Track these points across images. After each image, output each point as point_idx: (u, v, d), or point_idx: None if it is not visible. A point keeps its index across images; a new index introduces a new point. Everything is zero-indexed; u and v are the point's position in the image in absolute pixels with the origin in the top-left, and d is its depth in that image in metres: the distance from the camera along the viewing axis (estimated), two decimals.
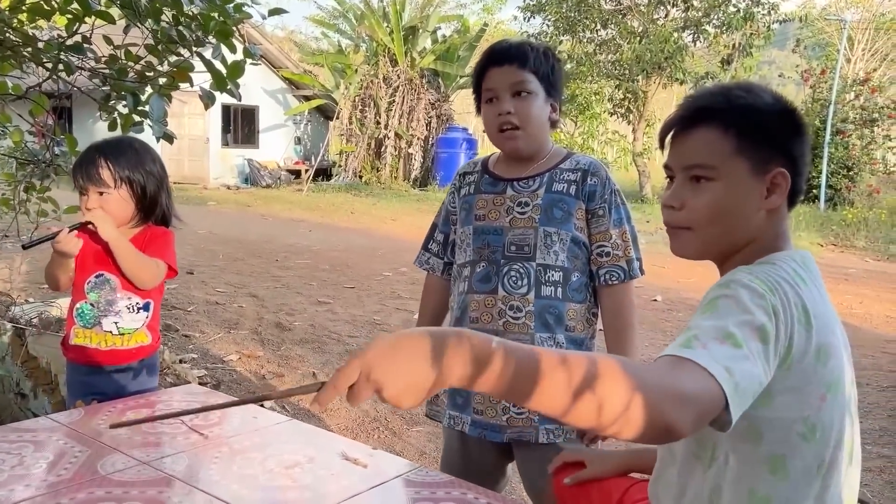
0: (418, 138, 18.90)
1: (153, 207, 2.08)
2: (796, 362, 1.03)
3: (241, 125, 19.71)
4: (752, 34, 16.72)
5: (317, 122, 21.29)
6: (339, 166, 20.17)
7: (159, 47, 3.35)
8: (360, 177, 19.37)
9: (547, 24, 18.14)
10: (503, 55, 1.73)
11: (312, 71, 20.96)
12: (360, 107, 19.24)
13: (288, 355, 4.65)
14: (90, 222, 1.94)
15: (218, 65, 3.29)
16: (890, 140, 15.83)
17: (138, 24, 3.32)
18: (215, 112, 18.35)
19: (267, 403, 3.79)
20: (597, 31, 17.79)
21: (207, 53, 3.28)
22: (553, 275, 1.71)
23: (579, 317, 1.74)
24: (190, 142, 18.37)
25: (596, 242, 1.75)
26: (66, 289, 2.11)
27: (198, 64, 3.31)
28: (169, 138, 3.51)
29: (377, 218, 12.52)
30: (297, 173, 19.78)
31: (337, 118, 19.39)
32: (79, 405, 1.94)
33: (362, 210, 14.11)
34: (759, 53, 18.65)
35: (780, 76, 20.11)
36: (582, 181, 1.75)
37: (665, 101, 22.93)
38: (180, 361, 4.26)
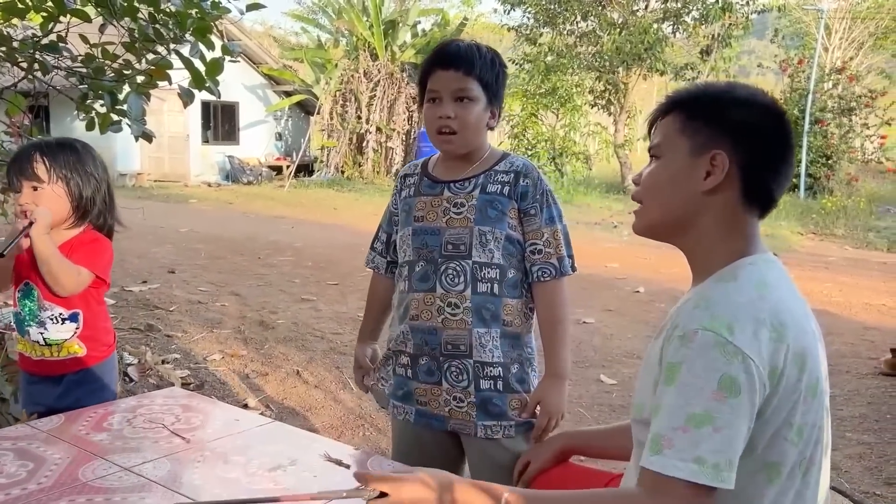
0: (399, 132, 18.86)
1: (90, 210, 2.03)
2: (779, 381, 1.05)
3: (221, 122, 19.56)
4: (730, 25, 16.83)
5: (297, 117, 21.17)
6: (321, 162, 20.09)
7: (137, 45, 3.32)
8: (342, 172, 19.31)
9: (527, 17, 18.14)
10: (450, 59, 1.76)
11: (292, 66, 20.83)
12: (340, 101, 19.17)
13: (271, 354, 4.64)
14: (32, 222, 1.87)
15: (197, 62, 3.28)
16: (867, 128, 15.99)
17: (114, 22, 3.29)
18: (195, 109, 18.19)
19: (251, 402, 3.78)
20: (577, 23, 17.82)
21: (186, 51, 3.26)
22: (489, 272, 1.77)
23: (516, 312, 1.80)
24: (170, 139, 18.20)
25: (529, 240, 1.81)
26: (6, 290, 2.08)
27: (176, 61, 3.29)
28: (148, 137, 3.48)
29: (360, 213, 12.49)
30: (278, 169, 19.68)
31: (318, 113, 19.30)
32: (23, 418, 1.93)
33: (345, 206, 14.07)
34: (738, 44, 18.77)
35: (758, 66, 20.24)
36: (515, 182, 1.80)
37: (645, 92, 23.03)
38: (163, 362, 4.24)
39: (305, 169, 20.10)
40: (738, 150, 1.14)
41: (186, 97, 3.38)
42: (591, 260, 8.43)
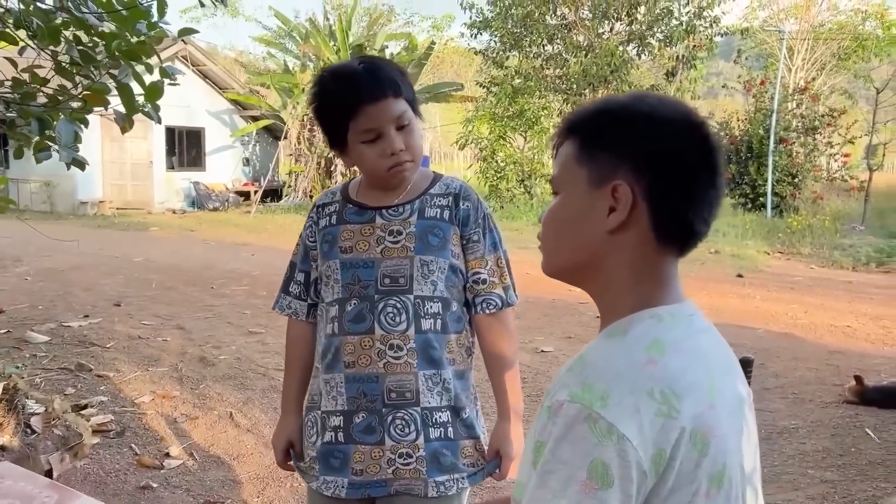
0: None
1: None
2: (667, 468, 0.84)
3: (186, 147, 19.23)
4: (694, 47, 16.92)
5: (265, 142, 20.92)
6: (290, 186, 19.84)
7: (69, 69, 3.13)
8: (311, 196, 19.05)
9: (494, 40, 18.12)
10: (378, 88, 1.54)
11: (260, 91, 20.63)
12: (308, 126, 18.94)
13: (206, 394, 4.37)
14: None
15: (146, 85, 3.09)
16: (831, 147, 16.08)
17: (33, 45, 3.08)
18: (159, 135, 17.89)
19: (174, 450, 3.51)
20: (543, 46, 17.83)
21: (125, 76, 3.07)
22: (432, 306, 1.58)
23: (458, 348, 1.63)
24: (133, 166, 17.87)
25: (472, 269, 1.64)
26: None
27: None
28: (80, 164, 3.27)
29: None
30: (245, 195, 19.38)
31: (285, 138, 19.07)
32: None
33: None
34: (703, 65, 18.88)
35: (723, 87, 20.39)
36: (455, 205, 1.63)
37: None
38: (84, 407, 3.95)
39: (273, 194, 19.82)
40: (642, 177, 0.92)
41: (122, 122, 3.21)
42: (555, 285, 8.20)
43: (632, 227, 0.94)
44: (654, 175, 0.93)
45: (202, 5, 3.18)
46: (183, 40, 17.01)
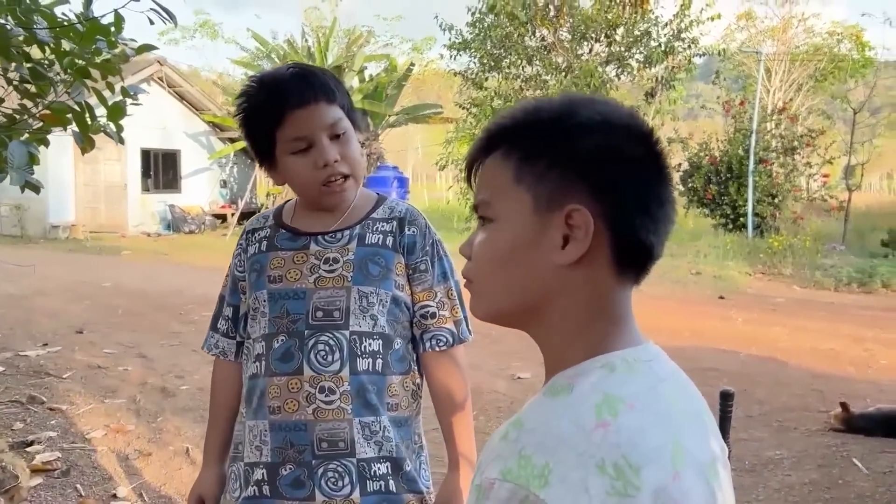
0: None
1: None
2: None
3: (162, 169, 18.95)
4: (673, 68, 16.96)
5: (243, 164, 20.68)
6: (267, 208, 19.51)
7: (27, 87, 2.97)
8: None
9: (473, 62, 18.09)
10: (306, 91, 1.37)
11: None
12: None
13: (163, 428, 4.13)
14: None
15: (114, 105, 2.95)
16: (810, 167, 16.13)
17: None
18: (134, 157, 17.63)
19: (122, 492, 3.28)
20: (522, 67, 17.80)
21: (106, 94, 2.93)
22: (371, 344, 1.40)
23: (403, 392, 1.45)
24: (106, 188, 17.58)
25: (419, 302, 1.47)
26: None
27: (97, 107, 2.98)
28: (34, 188, 3.10)
29: None
30: (223, 217, 19.13)
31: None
32: None
33: None
34: (682, 86, 18.95)
35: (702, 107, 20.50)
36: (399, 231, 1.47)
37: None
38: (28, 444, 3.70)
39: (251, 216, 19.50)
40: (602, 198, 0.76)
41: (81, 143, 3.05)
42: None
43: (589, 258, 0.77)
44: (617, 194, 0.76)
45: (151, 23, 3.01)
46: (159, 62, 16.85)
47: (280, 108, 1.37)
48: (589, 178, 0.76)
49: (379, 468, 1.38)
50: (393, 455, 1.40)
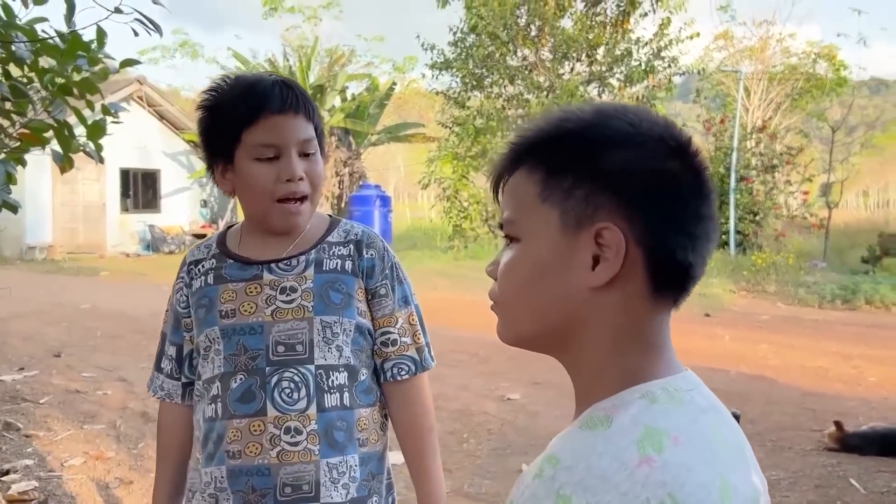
0: (329, 197, 18.44)
1: None
2: None
3: (141, 189, 18.76)
4: (653, 87, 17.11)
5: None
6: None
7: (3, 105, 2.88)
8: None
9: (455, 81, 18.13)
10: (289, 98, 1.30)
11: None
12: None
13: (144, 454, 4.00)
14: None
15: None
16: (790, 185, 16.27)
17: None
18: (112, 176, 17.44)
19: None
20: (504, 86, 17.88)
21: (84, 112, 2.85)
22: (337, 377, 1.31)
23: (371, 425, 1.36)
24: (85, 208, 17.34)
25: (380, 328, 1.39)
26: None
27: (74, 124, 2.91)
28: (12, 208, 3.01)
29: None
30: (203, 237, 18.88)
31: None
32: None
33: None
34: (662, 105, 19.11)
35: (684, 125, 20.62)
36: (357, 254, 1.38)
37: None
38: (4, 473, 3.57)
39: None
40: (634, 215, 0.70)
41: (60, 162, 2.96)
42: None
43: (623, 282, 0.71)
44: (651, 211, 0.71)
45: (136, 34, 2.94)
46: (139, 80, 16.72)
47: (257, 107, 1.28)
48: (620, 194, 0.71)
49: None
50: (359, 495, 1.32)
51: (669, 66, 16.98)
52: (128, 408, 4.89)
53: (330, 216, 1.43)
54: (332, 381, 1.30)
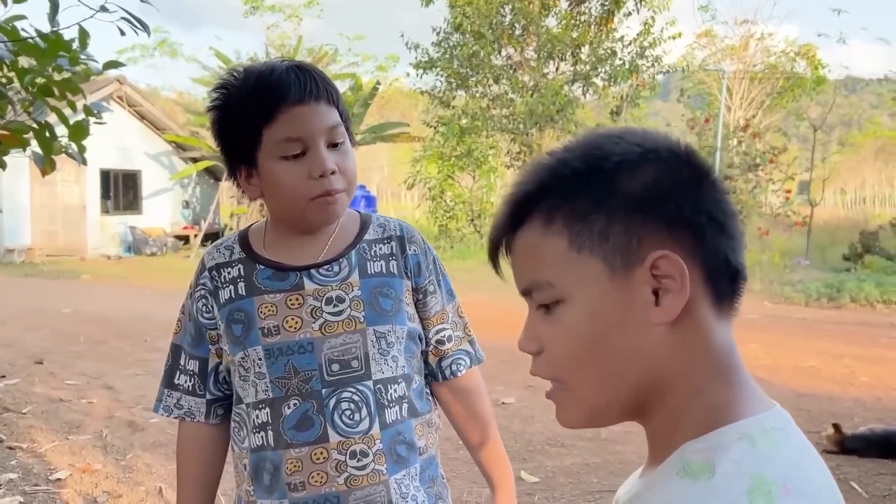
0: None
1: None
2: None
3: (122, 191, 18.50)
4: (637, 86, 17.15)
5: (206, 184, 20.32)
6: (231, 229, 19.24)
7: None
8: None
9: (440, 80, 18.06)
10: (308, 86, 1.16)
11: (200, 132, 20.10)
12: None
13: (133, 466, 3.89)
14: None
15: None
16: (773, 183, 16.37)
17: None
18: (93, 178, 17.18)
19: None
20: (489, 86, 17.83)
21: (66, 113, 2.76)
22: (396, 390, 1.23)
23: (426, 430, 1.29)
24: (64, 210, 17.07)
25: (433, 327, 1.30)
26: None
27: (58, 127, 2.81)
28: None
29: None
30: (185, 239, 18.73)
31: (227, 179, 18.50)
32: None
33: None
34: (645, 104, 19.16)
35: (667, 125, 20.74)
36: (401, 252, 1.28)
37: None
38: None
39: (214, 237, 19.15)
40: (682, 232, 0.65)
41: (41, 165, 2.85)
42: (512, 328, 7.90)
43: (692, 304, 0.65)
44: (693, 224, 0.66)
45: (122, 33, 2.84)
46: (118, 80, 16.48)
47: (274, 101, 1.14)
48: (658, 216, 0.65)
49: None
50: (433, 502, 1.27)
51: (653, 65, 17.02)
52: (114, 417, 4.77)
53: (358, 213, 1.32)
54: (392, 394, 1.22)
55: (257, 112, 1.15)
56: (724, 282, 0.67)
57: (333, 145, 1.18)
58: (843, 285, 10.84)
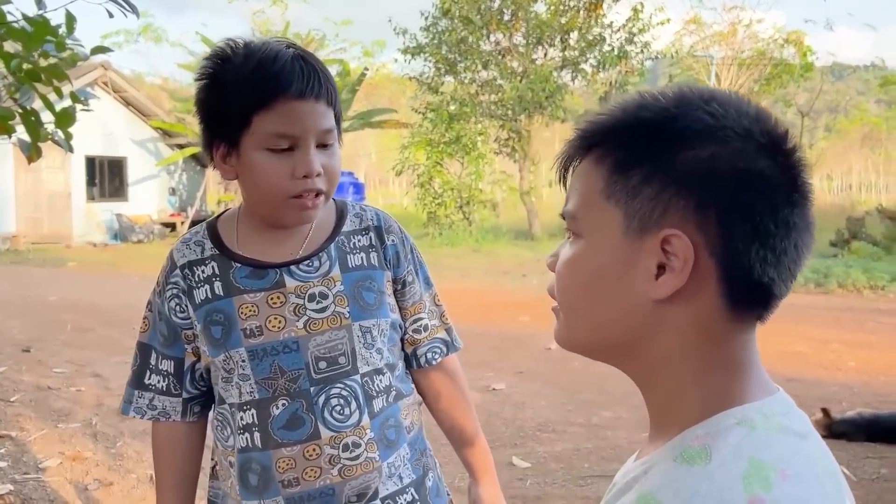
0: None
1: None
2: None
3: (107, 178, 18.34)
4: (626, 72, 17.15)
5: (192, 171, 20.18)
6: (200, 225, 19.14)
7: None
8: None
9: (428, 66, 17.99)
10: (312, 82, 1.12)
11: (186, 119, 19.94)
12: None
13: (123, 454, 3.87)
14: None
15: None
16: None
17: None
18: (78, 164, 17.01)
19: None
20: (478, 71, 17.78)
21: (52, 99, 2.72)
22: (381, 380, 1.23)
23: (411, 409, 1.30)
24: (49, 197, 16.92)
25: (411, 317, 1.30)
26: None
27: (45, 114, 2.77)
28: None
29: None
30: (172, 226, 18.61)
31: (203, 150, 18.39)
32: None
33: None
34: (633, 91, 19.19)
35: None
36: (379, 243, 1.26)
37: (548, 139, 23.28)
38: None
39: None
40: (708, 223, 0.62)
41: (27, 151, 2.81)
42: (502, 314, 7.98)
43: (691, 295, 0.63)
44: (728, 219, 0.62)
45: (111, 16, 2.79)
46: (103, 66, 16.30)
47: (273, 89, 1.09)
48: (693, 196, 0.62)
49: (404, 498, 1.24)
50: (414, 478, 1.27)
51: (642, 51, 17.02)
52: (103, 404, 4.73)
53: (334, 200, 1.28)
54: (378, 384, 1.21)
55: (254, 97, 1.11)
56: (743, 290, 0.63)
57: (322, 146, 1.16)
58: (830, 271, 10.90)
